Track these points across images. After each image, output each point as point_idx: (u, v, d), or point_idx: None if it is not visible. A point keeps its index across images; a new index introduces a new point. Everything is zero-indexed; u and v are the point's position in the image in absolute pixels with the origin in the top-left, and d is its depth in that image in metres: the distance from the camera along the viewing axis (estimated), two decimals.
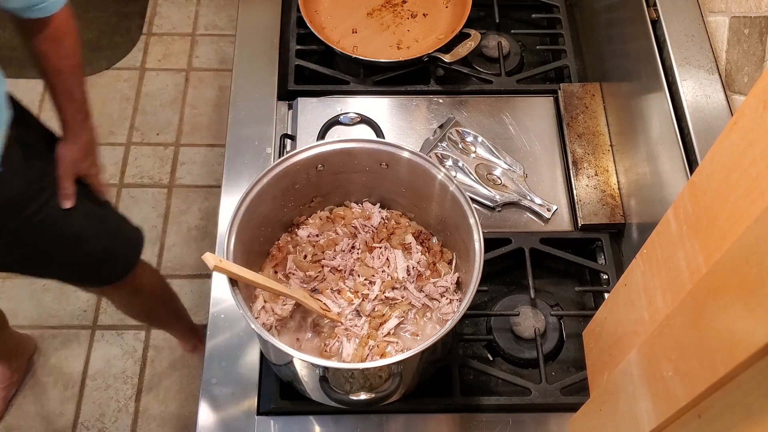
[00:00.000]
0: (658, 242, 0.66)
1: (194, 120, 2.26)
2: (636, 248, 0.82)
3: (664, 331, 0.61)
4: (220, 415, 0.93)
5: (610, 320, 0.83)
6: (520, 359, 1.00)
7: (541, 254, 1.07)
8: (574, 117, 1.18)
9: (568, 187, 1.13)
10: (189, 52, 2.39)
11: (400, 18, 1.30)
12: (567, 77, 1.27)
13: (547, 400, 0.94)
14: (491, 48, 1.28)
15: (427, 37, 1.27)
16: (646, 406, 0.64)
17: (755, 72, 0.86)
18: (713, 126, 0.92)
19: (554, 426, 0.93)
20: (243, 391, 0.94)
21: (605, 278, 1.06)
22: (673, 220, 0.61)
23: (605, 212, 1.09)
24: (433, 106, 1.22)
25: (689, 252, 0.57)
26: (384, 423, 0.93)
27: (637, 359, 0.68)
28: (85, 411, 1.81)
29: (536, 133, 1.19)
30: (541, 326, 1.01)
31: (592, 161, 1.14)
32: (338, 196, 0.99)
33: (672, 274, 0.61)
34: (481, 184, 1.12)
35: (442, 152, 1.14)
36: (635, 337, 0.70)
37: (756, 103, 0.47)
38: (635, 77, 1.09)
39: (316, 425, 0.93)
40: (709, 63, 0.96)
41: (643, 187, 1.04)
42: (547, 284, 1.08)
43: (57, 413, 1.80)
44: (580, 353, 0.97)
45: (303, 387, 0.89)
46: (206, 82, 2.33)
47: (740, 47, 0.90)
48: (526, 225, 1.11)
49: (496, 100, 1.23)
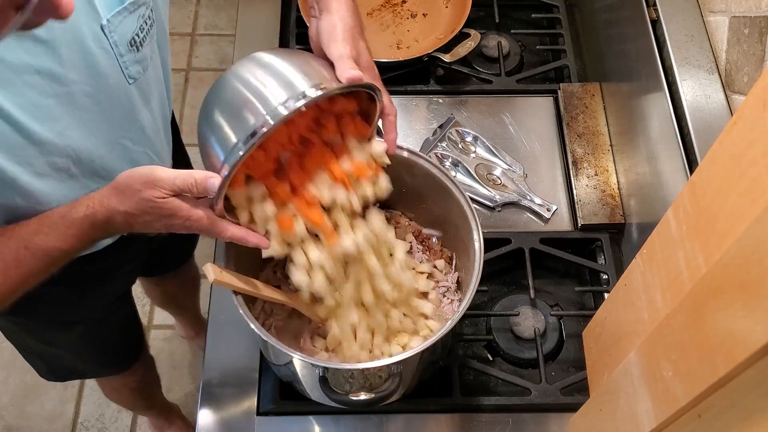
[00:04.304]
0: (658, 242, 0.66)
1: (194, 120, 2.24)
2: (636, 248, 0.82)
3: (664, 331, 0.61)
4: (220, 415, 0.93)
5: (610, 320, 0.83)
6: (520, 359, 1.00)
7: (541, 254, 1.06)
8: (574, 117, 1.18)
9: (568, 187, 1.13)
10: (189, 52, 2.39)
11: (400, 18, 1.30)
12: (567, 77, 1.27)
13: (547, 400, 0.94)
14: (491, 48, 1.28)
15: (426, 37, 1.27)
16: (646, 406, 0.64)
17: (755, 72, 0.86)
18: (713, 126, 0.92)
19: (554, 426, 0.93)
20: (243, 391, 0.94)
21: (605, 278, 1.06)
22: (673, 220, 0.61)
23: (605, 212, 1.09)
24: (433, 106, 1.22)
25: (689, 252, 0.57)
26: (384, 423, 0.93)
27: (637, 359, 0.68)
28: (85, 411, 1.81)
29: (536, 133, 1.19)
30: (541, 326, 1.01)
31: (592, 161, 1.14)
32: None
33: (672, 274, 0.61)
34: (481, 184, 1.12)
35: (442, 152, 1.14)
36: (635, 337, 0.70)
37: (756, 103, 0.47)
38: (635, 77, 1.09)
39: (316, 425, 0.93)
40: (709, 63, 0.96)
41: (643, 187, 1.04)
42: (547, 284, 1.08)
43: (57, 413, 1.80)
44: (580, 353, 0.97)
45: (303, 387, 0.89)
46: (206, 82, 2.33)
47: (740, 47, 0.90)
48: (526, 225, 1.11)
49: (496, 100, 1.23)
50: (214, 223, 0.71)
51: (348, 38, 0.74)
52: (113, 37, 0.73)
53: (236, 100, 0.69)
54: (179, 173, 0.68)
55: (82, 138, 0.76)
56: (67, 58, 0.69)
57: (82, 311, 1.06)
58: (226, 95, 0.70)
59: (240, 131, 0.67)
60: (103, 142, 0.80)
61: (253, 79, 0.69)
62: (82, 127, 0.75)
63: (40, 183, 0.74)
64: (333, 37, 0.74)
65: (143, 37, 0.77)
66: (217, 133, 0.69)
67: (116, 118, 0.80)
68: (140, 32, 0.77)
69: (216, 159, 0.69)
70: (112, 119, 0.79)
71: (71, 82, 0.71)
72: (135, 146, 0.86)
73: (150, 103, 0.86)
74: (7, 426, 1.78)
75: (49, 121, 0.71)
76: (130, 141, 0.84)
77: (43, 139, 0.71)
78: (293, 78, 0.69)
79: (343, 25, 0.75)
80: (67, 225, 0.71)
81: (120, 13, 0.73)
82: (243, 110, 0.68)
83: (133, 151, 0.86)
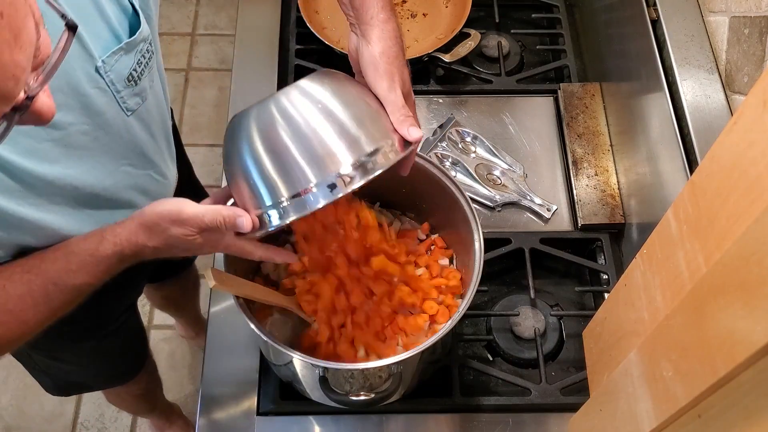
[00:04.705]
0: (658, 242, 0.66)
1: (194, 120, 2.26)
2: (636, 248, 0.82)
3: (664, 331, 0.61)
4: (220, 415, 0.93)
5: (610, 320, 0.83)
6: (520, 359, 1.00)
7: (541, 254, 1.06)
8: (574, 117, 1.18)
9: (568, 187, 1.13)
10: (188, 52, 2.39)
11: (400, 18, 1.30)
12: (567, 77, 1.27)
13: (547, 401, 0.94)
14: (491, 48, 1.28)
15: (427, 37, 1.27)
16: (646, 406, 0.64)
17: (755, 72, 0.86)
18: (713, 126, 0.91)
19: (554, 426, 0.93)
20: (243, 391, 0.94)
21: (605, 278, 1.06)
22: (673, 220, 0.61)
23: (605, 212, 1.09)
24: (433, 106, 1.22)
25: (689, 252, 0.57)
26: (384, 423, 0.93)
27: (637, 359, 0.68)
28: (85, 411, 1.81)
29: (536, 133, 1.19)
30: (541, 326, 1.01)
31: (592, 161, 1.14)
32: None
33: (672, 274, 0.61)
34: (481, 184, 1.12)
35: (442, 152, 1.14)
36: (635, 337, 0.70)
37: (756, 103, 0.47)
38: (635, 77, 1.09)
39: (316, 425, 0.93)
40: (709, 63, 0.96)
41: (643, 187, 1.04)
42: (547, 284, 1.08)
43: (57, 413, 1.80)
44: (580, 353, 0.97)
45: (303, 387, 0.89)
46: (206, 82, 2.33)
47: (740, 47, 0.90)
48: (526, 225, 1.11)
49: (496, 100, 1.23)
50: (243, 248, 0.72)
51: (395, 73, 0.71)
52: (109, 76, 0.71)
53: (293, 149, 0.65)
54: (207, 210, 0.67)
55: (83, 174, 0.75)
56: (61, 103, 0.66)
57: (93, 325, 1.05)
58: (279, 136, 0.65)
59: (293, 186, 0.64)
60: (105, 174, 0.78)
61: (310, 127, 0.65)
62: (81, 164, 0.74)
63: (47, 219, 0.73)
64: (378, 73, 0.71)
65: (141, 71, 0.75)
66: (263, 174, 0.66)
67: (116, 149, 0.78)
68: (138, 67, 0.75)
69: (258, 202, 0.66)
70: (111, 151, 0.78)
71: (67, 125, 0.69)
72: (138, 171, 0.84)
73: (150, 127, 0.84)
74: (7, 426, 1.78)
75: (47, 162, 0.69)
76: (132, 167, 0.83)
77: (41, 180, 0.69)
78: (357, 134, 0.66)
79: (387, 58, 0.71)
80: (96, 262, 0.71)
81: (116, 53, 0.71)
82: (298, 165, 0.64)
83: (137, 176, 0.85)
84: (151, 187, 0.88)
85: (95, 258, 0.71)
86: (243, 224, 0.66)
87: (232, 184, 0.70)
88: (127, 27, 0.73)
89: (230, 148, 0.69)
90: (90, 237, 0.72)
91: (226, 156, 0.70)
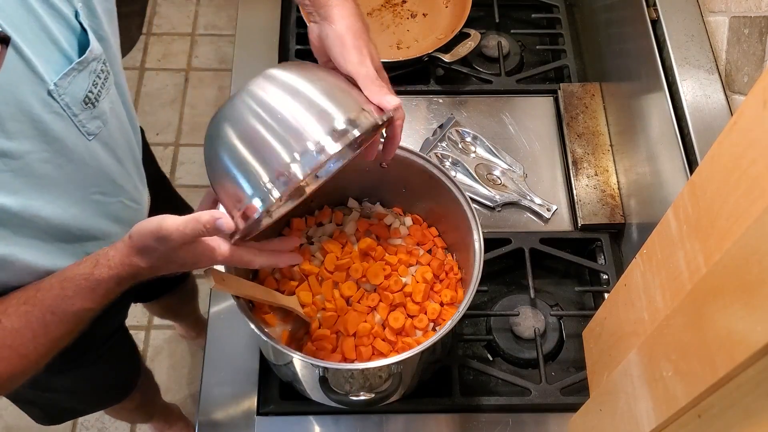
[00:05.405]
0: (658, 242, 0.66)
1: (194, 120, 2.26)
2: (636, 248, 0.82)
3: (664, 331, 0.61)
4: (220, 415, 0.93)
5: (610, 320, 0.83)
6: (520, 359, 1.00)
7: (540, 254, 1.06)
8: (574, 117, 1.18)
9: (567, 187, 1.13)
10: (188, 52, 2.39)
11: (400, 18, 1.30)
12: (567, 77, 1.27)
13: (547, 401, 0.94)
14: (491, 48, 1.28)
15: (426, 37, 1.27)
16: (646, 406, 0.64)
17: (755, 72, 0.86)
18: (713, 126, 0.91)
19: (554, 426, 0.93)
20: (243, 391, 0.94)
21: (605, 278, 1.06)
22: (673, 220, 0.61)
23: (605, 212, 1.09)
24: (433, 106, 1.22)
25: (689, 252, 0.57)
26: (384, 423, 0.93)
27: (637, 359, 0.68)
28: None
29: (536, 133, 1.19)
30: (540, 326, 1.01)
31: (592, 161, 1.14)
32: (337, 196, 0.99)
33: (672, 274, 0.61)
34: (481, 184, 1.12)
35: (442, 152, 1.14)
36: (635, 337, 0.70)
37: (756, 103, 0.47)
38: (635, 77, 1.09)
39: (316, 425, 0.93)
40: (709, 63, 0.96)
41: (643, 187, 1.04)
42: (547, 284, 1.08)
43: None
44: (580, 353, 0.97)
45: (303, 387, 0.89)
46: (206, 82, 2.33)
47: (740, 47, 0.90)
48: (525, 225, 1.11)
49: (496, 100, 1.23)
50: (241, 257, 0.69)
51: (362, 47, 0.70)
52: (64, 99, 0.68)
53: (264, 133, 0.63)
54: (185, 221, 0.63)
55: (48, 204, 0.72)
56: (14, 131, 0.64)
57: (79, 353, 1.02)
58: (249, 124, 0.64)
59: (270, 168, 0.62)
60: (72, 203, 0.76)
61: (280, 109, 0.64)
62: (45, 194, 0.71)
63: (15, 252, 0.70)
64: (345, 48, 0.69)
65: (98, 92, 0.73)
66: (240, 165, 0.64)
67: (81, 176, 0.76)
68: (94, 88, 0.72)
69: (241, 194, 0.64)
70: (77, 179, 0.75)
71: (24, 153, 0.67)
72: (108, 198, 0.83)
73: (116, 152, 0.82)
74: (7, 426, 1.78)
75: (9, 195, 0.67)
76: (101, 195, 0.81)
77: (6, 212, 0.67)
78: (327, 107, 0.64)
79: (353, 33, 0.70)
80: (92, 287, 0.69)
81: (68, 74, 0.68)
82: (271, 146, 0.63)
83: (108, 204, 0.83)
84: (124, 214, 0.86)
85: (91, 282, 0.69)
86: (224, 225, 0.63)
87: (216, 188, 0.68)
88: (77, 46, 0.70)
89: (208, 151, 0.68)
90: (84, 262, 0.70)
91: (206, 161, 0.68)
